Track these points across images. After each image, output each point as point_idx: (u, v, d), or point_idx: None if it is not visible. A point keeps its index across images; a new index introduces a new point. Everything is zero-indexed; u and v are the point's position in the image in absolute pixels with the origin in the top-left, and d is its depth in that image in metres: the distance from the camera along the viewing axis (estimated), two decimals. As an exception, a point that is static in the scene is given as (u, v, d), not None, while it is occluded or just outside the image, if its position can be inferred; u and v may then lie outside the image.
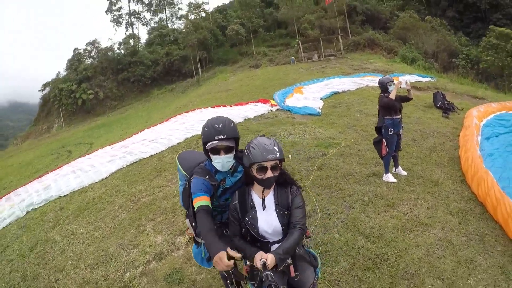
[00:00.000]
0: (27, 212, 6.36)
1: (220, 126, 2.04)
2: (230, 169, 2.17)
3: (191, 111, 11.90)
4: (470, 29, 28.10)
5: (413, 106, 9.50)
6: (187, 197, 2.31)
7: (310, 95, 11.75)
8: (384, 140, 5.00)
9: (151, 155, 7.66)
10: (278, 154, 1.88)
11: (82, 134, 18.88)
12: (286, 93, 12.39)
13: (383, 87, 5.08)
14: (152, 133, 9.95)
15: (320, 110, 9.72)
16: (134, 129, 13.72)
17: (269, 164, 1.89)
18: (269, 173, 1.89)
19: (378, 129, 5.13)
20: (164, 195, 5.47)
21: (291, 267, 2.03)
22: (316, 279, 2.10)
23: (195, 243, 2.45)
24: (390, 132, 4.96)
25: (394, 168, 5.40)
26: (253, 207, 2.00)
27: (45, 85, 38.77)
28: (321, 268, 3.23)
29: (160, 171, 6.56)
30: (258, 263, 1.73)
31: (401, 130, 5.14)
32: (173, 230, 4.39)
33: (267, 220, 1.99)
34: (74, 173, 7.56)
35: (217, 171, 2.15)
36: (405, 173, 5.35)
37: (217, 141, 2.02)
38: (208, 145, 2.05)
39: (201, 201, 2.01)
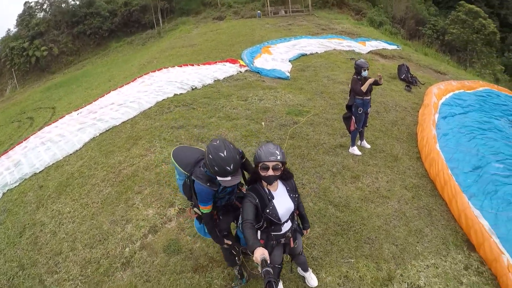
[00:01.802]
0: (3, 194, 6.02)
1: (232, 167, 2.22)
2: None
3: (157, 70, 11.41)
4: (440, -1, 28.45)
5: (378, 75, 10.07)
6: (189, 190, 2.65)
7: (278, 56, 11.78)
8: (353, 117, 5.44)
9: (124, 122, 7.48)
10: (278, 157, 2.26)
11: (40, 96, 17.25)
12: (254, 52, 12.30)
13: (358, 70, 5.35)
14: (119, 96, 9.52)
15: (289, 74, 9.92)
16: (97, 89, 12.96)
17: (270, 165, 2.26)
18: (270, 172, 2.28)
19: (348, 107, 5.53)
20: (145, 166, 5.54)
21: (291, 239, 2.61)
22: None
23: (198, 220, 2.88)
24: (360, 111, 5.40)
25: (359, 141, 5.98)
26: (270, 199, 2.40)
27: (-7, 45, 33.98)
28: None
29: (136, 139, 6.51)
30: (258, 259, 1.92)
31: (369, 109, 5.62)
32: (162, 202, 4.59)
33: (283, 206, 2.43)
34: (44, 145, 7.17)
35: None
36: (368, 146, 5.97)
37: (229, 178, 2.27)
38: (221, 181, 2.30)
39: (207, 209, 2.54)
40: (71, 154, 6.61)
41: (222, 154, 2.22)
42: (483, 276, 3.47)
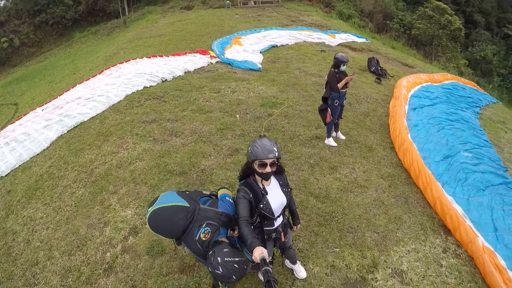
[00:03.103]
0: (-32, 202, 5.44)
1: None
2: None
3: (125, 62, 10.91)
4: (408, -6, 29.23)
5: (349, 68, 10.26)
6: None
7: (249, 47, 11.70)
8: (329, 109, 5.50)
9: (92, 117, 7.10)
10: (276, 154, 2.24)
11: (1, 92, 15.78)
12: (225, 43, 12.13)
13: (337, 64, 5.34)
14: (86, 89, 9.01)
15: (260, 66, 9.87)
16: (61, 83, 12.14)
17: (268, 161, 2.24)
18: (268, 169, 2.27)
19: (324, 99, 5.58)
20: (118, 163, 5.32)
21: (282, 234, 2.63)
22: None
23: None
24: (336, 104, 5.47)
25: (334, 132, 6.09)
26: (264, 195, 2.37)
27: (-49, 36, 30.51)
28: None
29: (106, 135, 6.22)
30: (257, 258, 1.94)
31: (344, 102, 5.72)
32: (140, 201, 4.43)
33: (276, 200, 2.42)
34: (8, 145, 6.65)
35: None
36: (343, 137, 6.12)
37: None
38: None
39: None
40: (38, 154, 6.19)
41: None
42: (460, 258, 3.73)
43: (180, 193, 2.40)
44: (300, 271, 3.29)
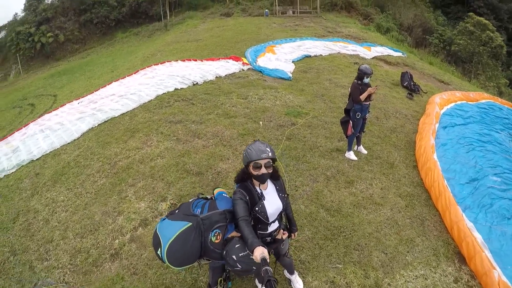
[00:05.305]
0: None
1: None
2: None
3: (160, 63, 11.44)
4: (449, 9, 28.07)
5: (381, 81, 10.05)
6: None
7: (282, 56, 11.78)
8: (351, 122, 5.39)
9: (123, 113, 7.48)
10: (269, 154, 2.27)
11: (43, 83, 17.28)
12: (258, 51, 12.29)
13: (360, 76, 5.23)
14: (120, 87, 9.54)
15: (291, 75, 9.90)
16: (99, 79, 12.98)
17: (263, 162, 2.27)
18: (263, 170, 2.29)
19: (346, 111, 5.49)
20: (141, 159, 5.56)
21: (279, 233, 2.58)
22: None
23: None
24: (358, 116, 5.35)
25: (356, 146, 5.94)
26: (260, 197, 2.40)
27: (0, 28, 34.19)
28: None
29: (133, 131, 6.53)
30: (257, 258, 1.95)
31: (367, 115, 5.58)
32: (154, 196, 4.60)
33: (272, 205, 2.44)
34: (43, 132, 7.19)
35: None
36: (365, 151, 5.94)
37: None
38: None
39: None
40: (68, 143, 6.63)
41: None
42: (472, 290, 3.45)
43: (172, 218, 2.31)
44: (297, 282, 3.22)
